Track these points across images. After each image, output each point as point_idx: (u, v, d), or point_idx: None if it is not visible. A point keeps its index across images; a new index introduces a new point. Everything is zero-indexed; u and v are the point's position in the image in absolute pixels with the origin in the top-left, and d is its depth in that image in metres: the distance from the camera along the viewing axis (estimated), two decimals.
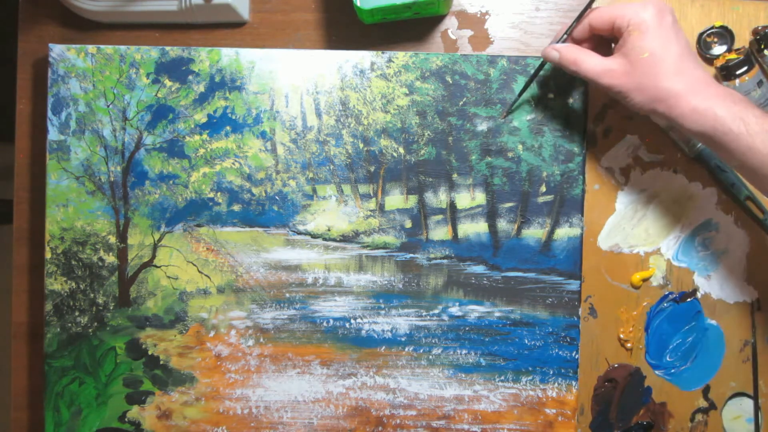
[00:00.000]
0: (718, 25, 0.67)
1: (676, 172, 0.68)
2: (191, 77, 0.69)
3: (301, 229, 0.69)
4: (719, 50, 0.67)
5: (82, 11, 0.70)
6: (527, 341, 0.68)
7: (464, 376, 0.69)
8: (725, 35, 0.67)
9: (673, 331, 0.68)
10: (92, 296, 0.69)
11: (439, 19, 0.71)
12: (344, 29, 0.71)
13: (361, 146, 0.69)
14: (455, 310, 0.69)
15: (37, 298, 0.72)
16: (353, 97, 0.69)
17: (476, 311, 0.69)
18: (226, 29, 0.72)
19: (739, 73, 0.65)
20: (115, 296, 0.69)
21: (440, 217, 0.69)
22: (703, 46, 0.67)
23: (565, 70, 0.61)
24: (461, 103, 0.68)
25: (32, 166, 0.72)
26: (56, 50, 0.68)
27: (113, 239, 0.69)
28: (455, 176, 0.69)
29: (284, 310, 0.69)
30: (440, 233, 0.69)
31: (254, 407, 0.69)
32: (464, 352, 0.69)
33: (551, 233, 0.68)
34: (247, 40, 0.72)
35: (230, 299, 0.69)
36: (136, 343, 0.69)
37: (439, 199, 0.69)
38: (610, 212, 0.68)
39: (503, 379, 0.68)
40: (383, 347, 0.69)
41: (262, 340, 0.69)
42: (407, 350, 0.69)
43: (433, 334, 0.69)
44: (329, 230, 0.69)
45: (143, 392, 0.69)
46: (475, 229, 0.69)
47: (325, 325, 0.69)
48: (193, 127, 0.69)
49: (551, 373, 0.68)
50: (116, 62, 0.68)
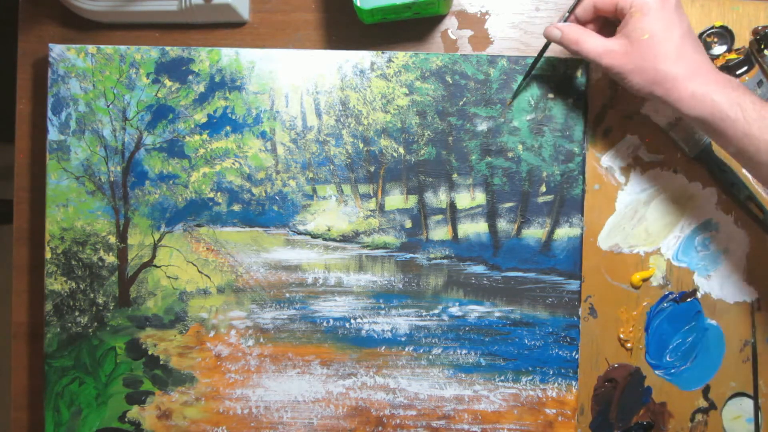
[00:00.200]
0: (718, 25, 0.67)
1: (676, 172, 0.68)
2: (191, 77, 0.69)
3: (301, 229, 0.69)
4: (719, 50, 0.67)
5: (82, 11, 0.70)
6: (527, 341, 0.68)
7: (464, 376, 0.69)
8: (725, 35, 0.67)
9: (673, 331, 0.68)
10: (92, 296, 0.69)
11: (439, 19, 0.71)
12: (344, 29, 0.71)
13: (361, 146, 0.69)
14: (455, 310, 0.69)
15: (37, 298, 0.72)
16: (353, 97, 0.69)
17: (476, 311, 0.69)
18: (226, 29, 0.72)
19: (739, 73, 0.66)
20: (115, 296, 0.69)
21: (440, 217, 0.69)
22: (703, 46, 0.67)
23: (566, 49, 0.61)
24: (461, 103, 0.68)
25: (32, 166, 0.72)
26: (56, 50, 0.68)
27: (113, 239, 0.69)
28: (455, 176, 0.69)
29: (284, 310, 0.69)
30: (440, 233, 0.69)
31: (254, 407, 0.69)
32: (464, 352, 0.69)
33: (551, 233, 0.68)
34: (247, 40, 0.72)
35: (230, 299, 0.69)
36: (136, 343, 0.69)
37: (439, 199, 0.69)
38: (610, 212, 0.68)
39: (503, 379, 0.68)
40: (383, 347, 0.69)
41: (262, 340, 0.69)
42: (407, 350, 0.69)
43: (433, 334, 0.69)
44: (329, 230, 0.69)
45: (143, 392, 0.69)
46: (475, 229, 0.69)
47: (325, 325, 0.69)
48: (193, 127, 0.69)
49: (551, 373, 0.68)
50: (116, 62, 0.68)
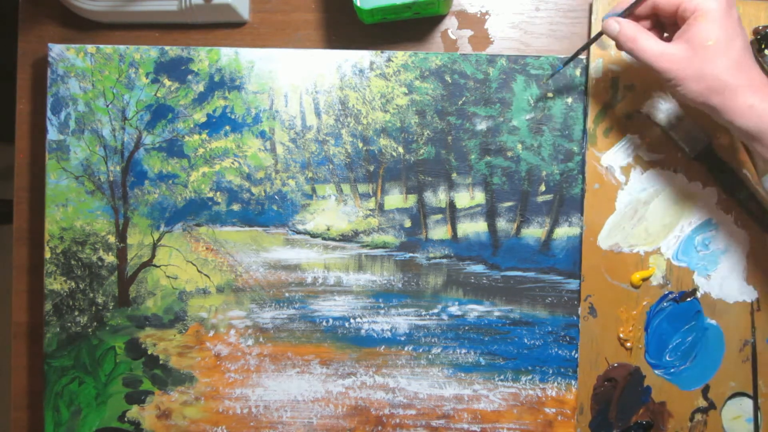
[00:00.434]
0: None
1: (676, 171, 0.68)
2: (190, 77, 0.69)
3: (300, 228, 0.69)
4: None
5: (82, 11, 0.70)
6: (527, 340, 0.68)
7: (464, 375, 0.69)
8: None
9: (672, 330, 0.67)
10: (92, 296, 0.69)
11: (439, 19, 0.71)
12: (344, 29, 0.71)
13: (360, 146, 0.69)
14: (455, 309, 0.69)
15: (36, 298, 0.72)
16: (352, 96, 0.69)
17: (476, 310, 0.68)
18: (226, 29, 0.72)
19: None
20: (114, 296, 0.69)
21: (439, 216, 0.69)
22: None
23: (619, 45, 0.58)
24: (460, 102, 0.68)
25: (32, 166, 0.72)
26: (56, 50, 0.68)
27: (113, 239, 0.69)
28: (454, 175, 0.69)
29: (284, 309, 0.69)
30: (439, 232, 0.69)
31: (254, 407, 0.69)
32: (464, 351, 0.69)
33: (551, 232, 0.68)
34: (247, 40, 0.72)
35: (230, 299, 0.69)
36: (135, 342, 0.69)
37: (438, 198, 0.69)
38: (610, 212, 0.68)
39: (503, 378, 0.68)
40: (383, 347, 0.69)
41: (261, 339, 0.69)
42: (407, 350, 0.69)
43: (432, 333, 0.69)
44: (328, 230, 0.69)
45: (143, 392, 0.69)
46: (474, 228, 0.69)
47: (324, 324, 0.69)
48: (192, 126, 0.69)
49: (551, 372, 0.68)
50: (115, 62, 0.69)
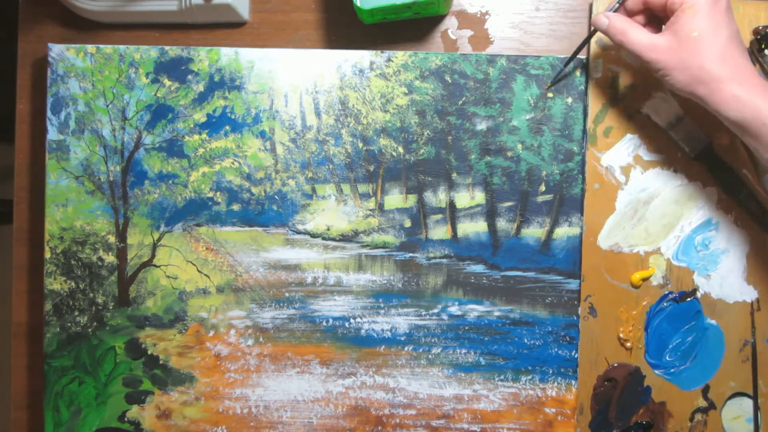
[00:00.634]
0: None
1: (676, 171, 0.68)
2: (190, 77, 0.69)
3: (300, 228, 0.69)
4: None
5: (82, 11, 0.70)
6: (527, 340, 0.68)
7: (464, 375, 0.69)
8: None
9: (672, 330, 0.67)
10: (92, 296, 0.69)
11: (439, 19, 0.71)
12: (344, 29, 0.71)
13: (360, 145, 0.69)
14: (455, 309, 0.69)
15: (36, 298, 0.72)
16: (352, 96, 0.69)
17: (476, 310, 0.68)
18: (226, 29, 0.72)
19: None
20: (114, 296, 0.69)
21: (439, 216, 0.69)
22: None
23: (610, 39, 0.60)
24: (460, 102, 0.68)
25: (32, 166, 0.72)
26: (56, 50, 0.68)
27: (113, 239, 0.69)
28: (454, 175, 0.69)
29: (284, 309, 0.69)
30: (439, 232, 0.69)
31: (254, 407, 0.69)
32: (464, 351, 0.69)
33: (551, 232, 0.68)
34: (247, 40, 0.72)
35: (230, 299, 0.69)
36: (135, 342, 0.69)
37: (438, 198, 0.69)
38: (610, 211, 0.68)
39: (503, 378, 0.68)
40: (383, 347, 0.69)
41: (261, 339, 0.69)
42: (407, 350, 0.69)
43: (432, 333, 0.69)
44: (328, 230, 0.69)
45: (143, 392, 0.69)
46: (474, 228, 0.69)
47: (324, 324, 0.69)
48: (192, 126, 0.69)
49: (551, 372, 0.68)
50: (115, 62, 0.69)
